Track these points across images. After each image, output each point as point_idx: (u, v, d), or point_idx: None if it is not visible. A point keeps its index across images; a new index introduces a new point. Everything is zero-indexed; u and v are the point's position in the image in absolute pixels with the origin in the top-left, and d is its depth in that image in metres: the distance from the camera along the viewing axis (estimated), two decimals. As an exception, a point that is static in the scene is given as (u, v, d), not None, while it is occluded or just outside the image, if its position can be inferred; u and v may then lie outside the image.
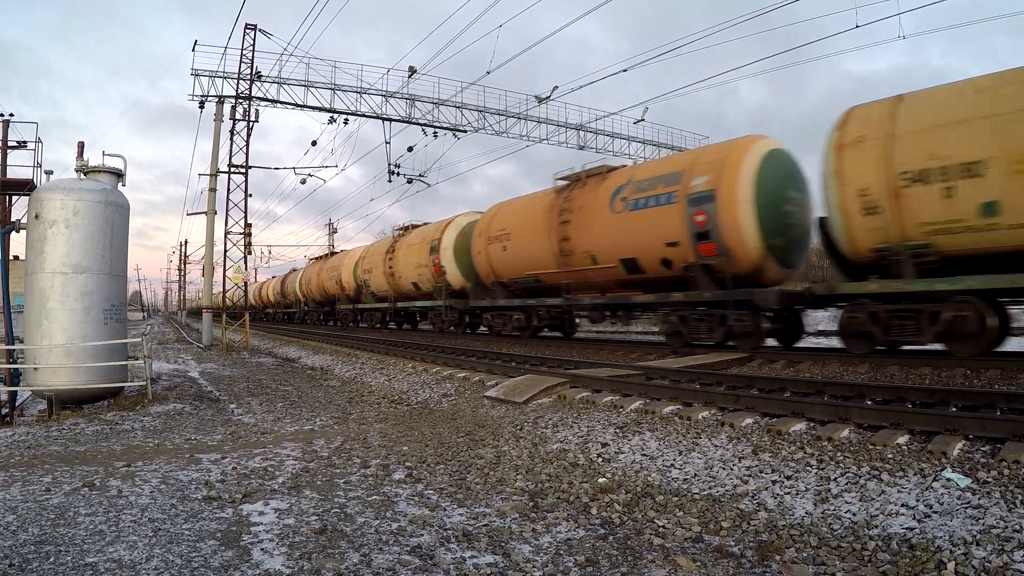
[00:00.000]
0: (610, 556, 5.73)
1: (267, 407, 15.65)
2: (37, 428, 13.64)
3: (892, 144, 14.89)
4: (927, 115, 14.70)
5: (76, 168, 17.66)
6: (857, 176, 15.35)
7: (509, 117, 43.19)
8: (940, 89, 15.22)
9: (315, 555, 5.86)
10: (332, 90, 39.90)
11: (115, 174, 17.90)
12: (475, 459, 9.46)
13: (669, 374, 14.15)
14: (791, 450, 7.96)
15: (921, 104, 15.08)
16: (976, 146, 13.55)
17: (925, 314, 14.91)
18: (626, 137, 48.54)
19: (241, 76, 38.47)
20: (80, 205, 16.12)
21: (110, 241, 16.55)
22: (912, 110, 15.03)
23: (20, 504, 7.62)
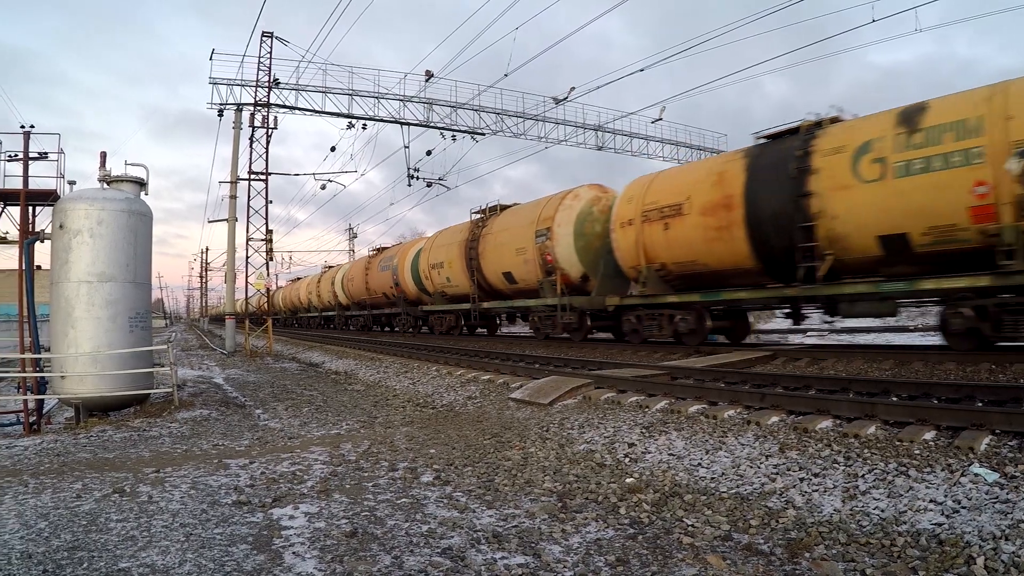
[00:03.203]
0: (640, 555, 5.75)
1: (293, 412, 15.68)
2: (65, 436, 13.70)
3: (642, 208, 22.38)
4: (662, 188, 22.17)
5: (99, 178, 17.77)
6: (622, 235, 23.29)
7: (527, 119, 43.17)
8: (672, 170, 23.24)
9: (347, 558, 5.90)
10: (350, 95, 40.00)
11: (138, 183, 18.03)
12: (502, 461, 9.50)
13: (693, 373, 14.13)
14: (818, 447, 7.95)
15: (661, 180, 22.76)
16: (680, 196, 21.04)
17: (665, 316, 22.18)
18: (644, 137, 48.40)
19: (259, 84, 38.74)
20: (104, 214, 16.24)
21: (134, 249, 16.67)
22: (655, 185, 22.52)
23: (52, 511, 7.70)
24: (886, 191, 15.49)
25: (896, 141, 15.35)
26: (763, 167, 18.70)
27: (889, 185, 15.42)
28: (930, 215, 14.85)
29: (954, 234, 14.62)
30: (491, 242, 31.43)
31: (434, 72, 40.59)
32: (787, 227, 17.57)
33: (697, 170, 21.91)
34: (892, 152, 15.41)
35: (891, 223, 15.60)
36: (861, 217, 16.18)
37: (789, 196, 17.43)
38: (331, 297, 60.66)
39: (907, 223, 15.33)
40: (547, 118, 43.70)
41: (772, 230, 18.09)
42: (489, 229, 32.12)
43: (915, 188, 14.95)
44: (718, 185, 19.74)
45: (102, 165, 18.20)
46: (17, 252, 18.35)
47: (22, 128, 18.13)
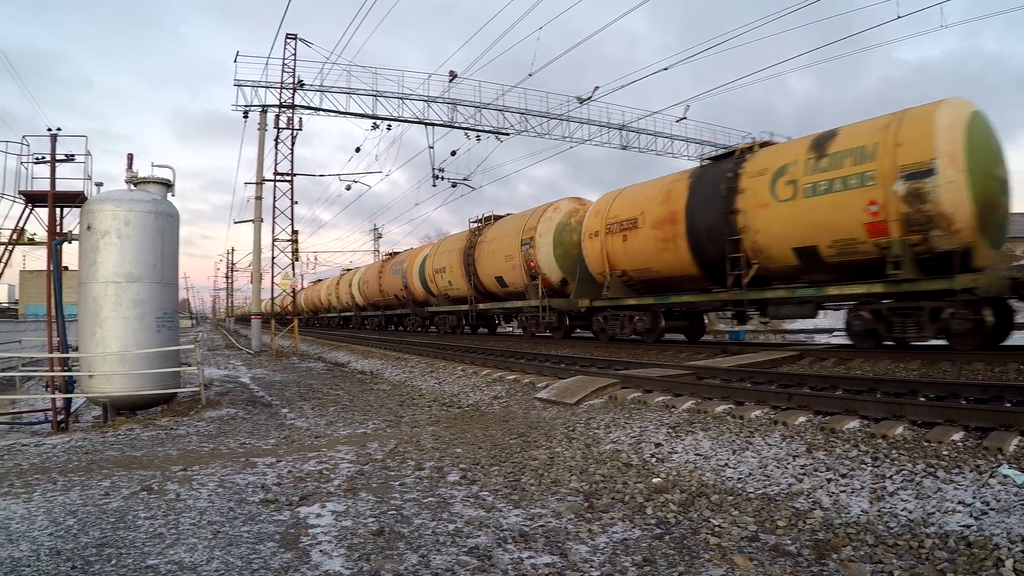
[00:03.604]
0: (667, 555, 5.74)
1: (319, 411, 15.72)
2: (93, 434, 13.77)
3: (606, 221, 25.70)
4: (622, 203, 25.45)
5: (126, 179, 17.89)
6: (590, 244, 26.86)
7: (551, 119, 43.13)
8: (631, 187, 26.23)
9: (374, 556, 5.92)
10: (374, 96, 40.03)
11: (164, 184, 18.15)
12: (529, 460, 9.49)
13: (719, 373, 14.11)
14: (845, 448, 7.92)
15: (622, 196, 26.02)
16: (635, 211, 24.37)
17: (627, 316, 25.64)
18: (669, 136, 48.22)
19: (284, 85, 38.89)
20: (131, 216, 16.35)
21: (161, 250, 16.78)
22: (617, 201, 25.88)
23: (80, 508, 7.76)
24: (797, 209, 18.18)
25: (806, 165, 18.07)
26: (702, 186, 21.76)
27: (800, 204, 18.11)
28: (833, 230, 17.39)
29: (854, 247, 17.15)
30: (485, 249, 35.20)
31: (458, 72, 40.67)
32: (719, 239, 20.43)
33: (651, 188, 24.74)
34: (803, 175, 18.09)
35: (802, 237, 18.25)
36: (778, 231, 18.84)
37: (720, 212, 20.34)
38: (349, 298, 63.75)
39: (816, 237, 17.91)
40: (571, 118, 43.63)
41: (708, 242, 21.10)
42: (484, 237, 35.85)
43: (820, 206, 17.57)
44: (666, 202, 23.03)
45: (129, 167, 18.31)
46: (45, 253, 18.44)
47: (49, 131, 18.26)
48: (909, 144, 15.85)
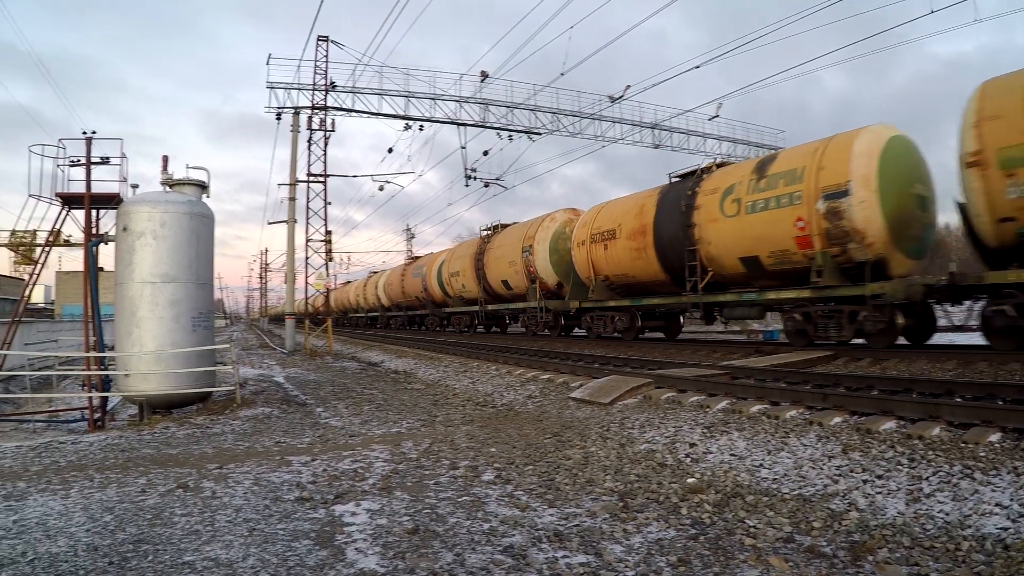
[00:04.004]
0: (702, 556, 5.73)
1: (354, 410, 15.78)
2: (129, 432, 13.88)
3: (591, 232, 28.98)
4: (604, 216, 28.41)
5: (161, 181, 18.05)
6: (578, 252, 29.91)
7: (583, 118, 43.14)
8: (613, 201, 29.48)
9: (409, 554, 5.95)
10: (406, 97, 40.28)
11: (199, 186, 18.31)
12: (563, 460, 9.51)
13: (754, 373, 14.06)
14: (881, 449, 7.87)
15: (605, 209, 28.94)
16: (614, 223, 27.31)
17: (609, 316, 28.72)
18: (701, 134, 48.20)
19: (316, 87, 39.18)
20: (166, 217, 16.50)
21: (196, 251, 16.91)
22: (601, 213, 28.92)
23: (117, 505, 7.84)
24: (741, 224, 20.88)
25: (749, 185, 20.81)
26: (667, 202, 24.70)
27: (743, 219, 20.83)
28: (770, 242, 20.02)
29: (788, 257, 19.71)
30: (493, 256, 39.01)
31: (490, 73, 40.84)
32: (680, 250, 23.38)
33: (628, 202, 27.89)
34: (746, 194, 20.85)
35: (746, 248, 20.95)
36: (727, 243, 21.60)
37: (681, 226, 23.26)
38: (375, 299, 68.19)
39: (757, 248, 20.59)
40: (603, 117, 43.69)
41: (671, 252, 24.05)
42: (491, 244, 39.72)
43: (759, 222, 20.26)
44: (639, 216, 26.04)
45: (164, 169, 18.46)
46: (81, 254, 18.60)
47: (84, 134, 18.41)
48: (829, 168, 18.36)
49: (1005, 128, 14.32)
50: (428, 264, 51.25)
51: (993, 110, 14.69)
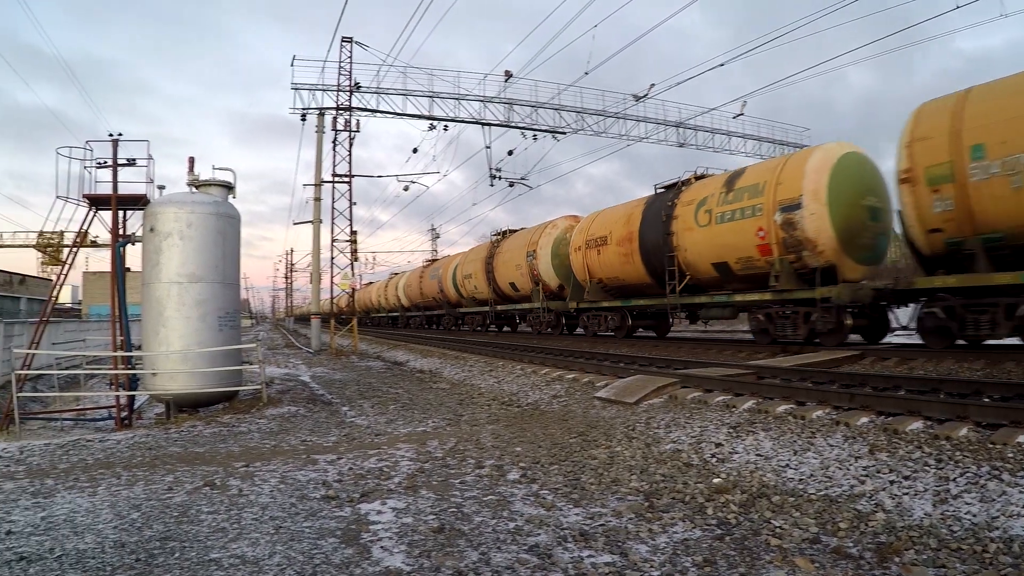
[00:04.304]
0: (727, 556, 5.72)
1: (379, 409, 15.83)
2: (156, 431, 13.99)
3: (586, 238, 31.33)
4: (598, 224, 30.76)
5: (188, 182, 18.18)
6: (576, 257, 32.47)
7: (608, 117, 43.15)
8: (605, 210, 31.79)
9: (434, 553, 5.96)
10: (431, 97, 40.48)
11: (225, 187, 18.43)
12: (589, 459, 9.51)
13: (780, 373, 14.02)
14: (908, 449, 7.83)
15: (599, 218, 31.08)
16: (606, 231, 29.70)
17: (603, 316, 31.07)
18: (726, 133, 48.20)
19: (340, 88, 39.40)
20: (193, 217, 16.61)
21: (222, 251, 17.02)
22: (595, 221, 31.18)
23: (144, 502, 7.90)
24: (712, 232, 23.18)
25: (719, 198, 23.02)
26: (651, 212, 26.99)
27: (713, 228, 23.11)
28: (737, 250, 22.28)
29: (753, 263, 21.90)
30: (501, 259, 41.83)
31: (514, 72, 40.97)
32: (661, 255, 25.70)
33: (618, 211, 30.31)
34: (716, 206, 23.10)
35: (717, 255, 23.20)
36: (700, 250, 23.89)
37: (661, 234, 25.60)
38: (395, 300, 71.77)
39: (726, 255, 22.83)
40: (627, 115, 43.73)
41: (654, 257, 26.30)
42: (500, 249, 42.48)
43: (727, 231, 22.54)
44: (626, 224, 28.47)
45: (190, 170, 18.58)
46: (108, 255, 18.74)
47: (110, 136, 18.56)
48: (786, 183, 20.57)
49: (932, 149, 16.03)
50: (444, 267, 54.30)
51: (923, 132, 16.39)
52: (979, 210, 15.37)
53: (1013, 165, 14.50)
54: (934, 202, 16.06)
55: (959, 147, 15.53)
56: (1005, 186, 14.72)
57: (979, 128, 15.29)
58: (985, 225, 15.37)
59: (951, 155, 15.65)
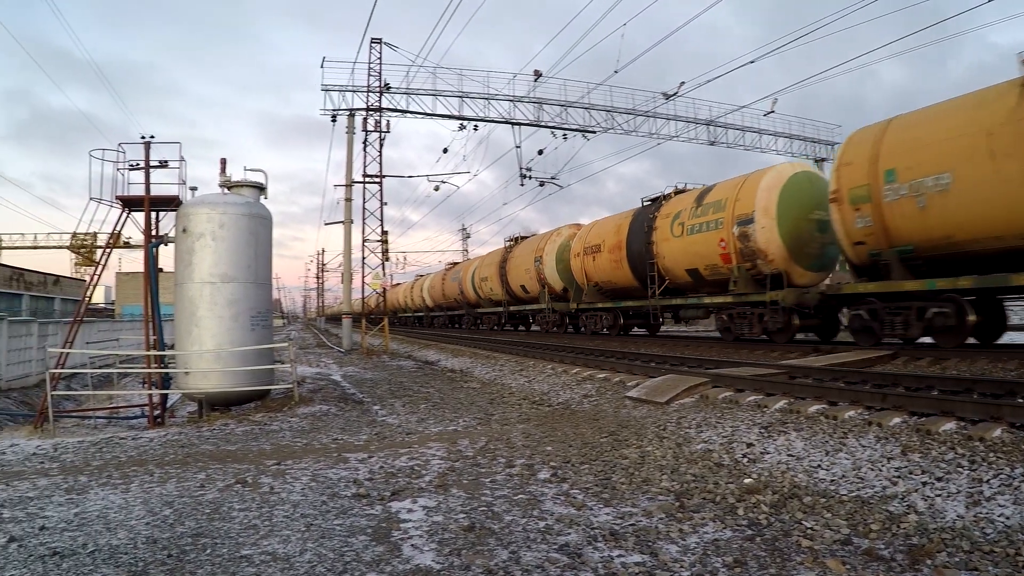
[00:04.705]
0: (758, 557, 5.70)
1: (410, 408, 15.89)
2: (188, 429, 14.12)
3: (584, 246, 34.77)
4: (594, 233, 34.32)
5: (219, 183, 18.26)
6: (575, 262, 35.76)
7: (637, 115, 43.11)
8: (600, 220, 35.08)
9: (464, 551, 5.98)
10: (460, 98, 40.70)
11: (257, 187, 18.49)
12: (619, 459, 9.49)
13: (812, 373, 13.95)
14: (941, 450, 7.78)
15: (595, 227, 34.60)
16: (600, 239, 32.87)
17: (599, 316, 34.51)
18: (757, 130, 48.10)
19: (370, 89, 39.52)
20: (225, 218, 16.69)
21: (254, 251, 17.08)
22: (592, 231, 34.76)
23: (176, 499, 7.98)
24: (684, 242, 26.21)
25: (690, 212, 26.07)
26: (636, 223, 30.09)
27: (685, 239, 26.13)
28: (704, 258, 25.23)
29: (718, 270, 24.78)
30: (513, 264, 45.53)
31: (544, 71, 41.11)
32: (643, 262, 28.84)
33: (611, 222, 33.53)
34: (687, 219, 26.13)
35: (689, 262, 26.23)
36: (676, 258, 26.90)
37: (644, 243, 28.75)
38: (420, 301, 75.71)
39: (696, 262, 25.84)
40: (657, 114, 43.82)
41: (639, 263, 29.44)
42: (512, 254, 46.27)
43: (696, 241, 25.53)
44: (616, 233, 31.72)
45: (222, 171, 18.68)
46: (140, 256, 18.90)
47: (142, 138, 18.69)
48: (742, 200, 23.41)
49: (855, 172, 18.43)
50: (463, 270, 58.56)
51: (848, 158, 18.85)
52: (892, 226, 17.60)
53: (917, 187, 16.68)
54: (856, 219, 18.47)
55: (876, 171, 17.82)
56: (912, 205, 16.89)
57: (892, 155, 17.54)
58: (898, 239, 17.60)
59: (869, 178, 17.94)
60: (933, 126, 16.78)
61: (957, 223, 16.07)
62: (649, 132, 43.89)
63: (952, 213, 16.05)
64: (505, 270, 46.51)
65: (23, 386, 24.67)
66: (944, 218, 16.27)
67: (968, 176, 15.57)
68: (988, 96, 15.74)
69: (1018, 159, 14.59)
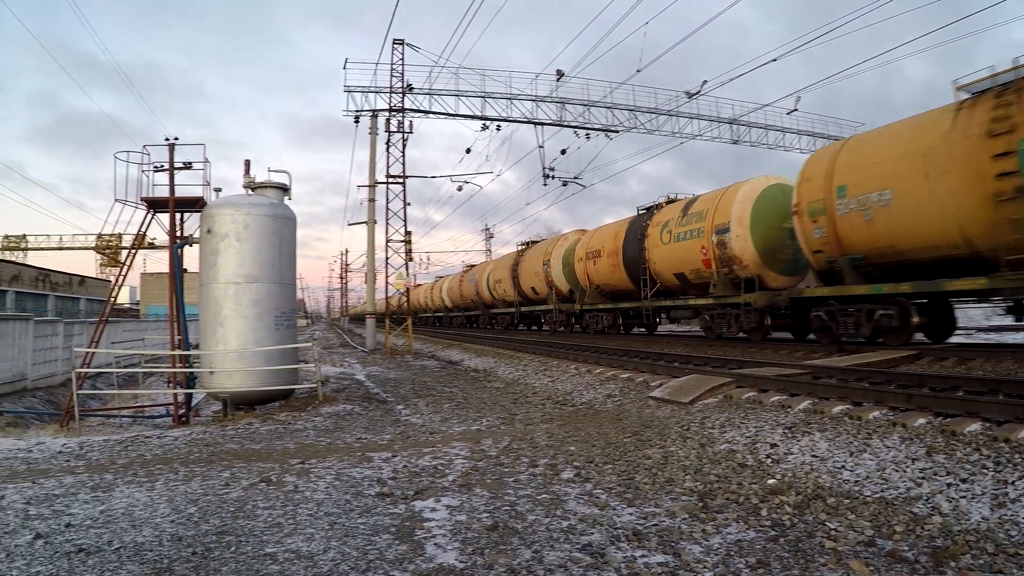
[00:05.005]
0: (781, 558, 5.69)
1: (434, 408, 15.94)
2: (213, 428, 14.18)
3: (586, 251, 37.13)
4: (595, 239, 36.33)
5: (243, 184, 18.40)
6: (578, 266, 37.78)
7: (660, 115, 43.10)
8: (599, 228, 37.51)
9: (487, 550, 6.01)
10: (483, 98, 40.76)
11: (281, 188, 18.63)
12: (643, 459, 9.50)
13: (836, 373, 13.89)
14: (966, 451, 7.73)
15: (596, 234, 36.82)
16: (600, 245, 35.17)
17: (600, 316, 37.06)
18: (780, 129, 47.80)
19: (393, 90, 39.68)
20: (249, 219, 16.80)
21: (279, 252, 17.19)
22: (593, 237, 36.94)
23: (201, 497, 8.04)
24: (672, 249, 28.56)
25: (677, 221, 28.37)
26: (632, 231, 32.39)
27: (672, 246, 28.49)
28: (690, 263, 27.43)
29: (701, 274, 26.88)
30: (524, 267, 48.45)
31: (566, 71, 41.13)
32: (637, 267, 31.20)
33: (609, 229, 35.76)
34: (674, 227, 28.46)
35: (677, 267, 28.49)
36: (665, 263, 29.23)
37: (638, 249, 31.07)
38: (440, 301, 78.80)
39: (683, 267, 28.06)
40: (680, 113, 43.80)
41: (633, 268, 31.74)
42: (523, 258, 49.16)
43: (682, 248, 27.81)
44: (614, 239, 34.01)
45: (246, 172, 18.81)
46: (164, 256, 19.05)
47: (167, 140, 18.83)
48: (720, 211, 25.61)
49: (813, 188, 20.69)
50: (479, 272, 61.91)
51: (808, 175, 21.19)
52: (844, 236, 19.74)
53: (864, 202, 18.81)
54: (814, 230, 20.71)
55: (830, 187, 20.00)
56: (860, 218, 19.02)
57: (843, 173, 19.73)
58: (850, 248, 19.70)
59: (824, 193, 20.15)
60: (878, 147, 18.89)
61: (899, 234, 18.05)
62: (672, 131, 43.85)
63: (894, 225, 18.10)
64: (517, 273, 49.39)
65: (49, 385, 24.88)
66: (888, 230, 18.30)
67: (906, 192, 17.58)
68: (926, 120, 17.69)
69: (949, 178, 16.42)
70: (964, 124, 16.14)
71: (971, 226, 16.09)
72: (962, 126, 16.16)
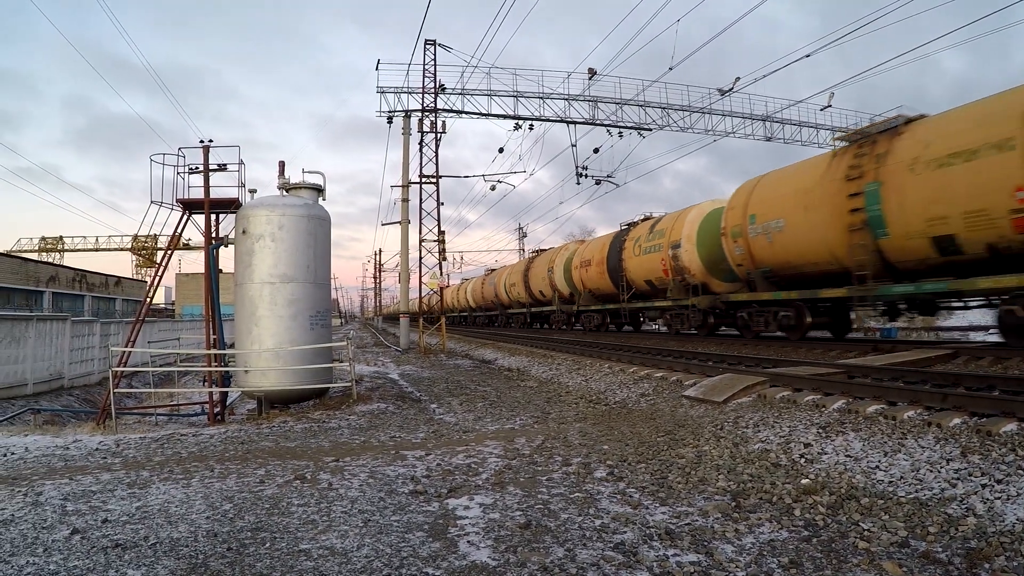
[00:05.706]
0: (814, 559, 5.68)
1: (467, 407, 15.98)
2: (248, 426, 14.27)
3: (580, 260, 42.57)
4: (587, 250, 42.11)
5: (278, 185, 18.55)
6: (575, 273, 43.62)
7: (693, 112, 43.00)
8: (591, 240, 45.99)
9: (520, 548, 6.03)
10: (515, 97, 40.85)
11: (315, 189, 18.75)
12: (676, 458, 9.49)
13: (871, 372, 13.80)
14: (1002, 452, 7.67)
15: (589, 245, 42.80)
16: (591, 255, 40.99)
17: (592, 317, 42.13)
18: (814, 125, 47.51)
19: (425, 90, 39.77)
20: (284, 220, 16.92)
21: (313, 252, 17.30)
22: (587, 247, 42.83)
23: (236, 494, 8.12)
24: (641, 260, 33.61)
25: (646, 237, 33.29)
26: (614, 244, 37.43)
27: (642, 257, 33.50)
28: (654, 272, 32.26)
29: (664, 281, 31.38)
30: (533, 272, 54.20)
31: (598, 69, 41.11)
32: (618, 274, 36.20)
33: (597, 242, 41.07)
34: (643, 242, 33.43)
35: (645, 275, 33.46)
36: (637, 272, 34.25)
37: (618, 259, 36.22)
38: (465, 302, 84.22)
39: (650, 275, 32.88)
40: (713, 110, 43.74)
41: (615, 275, 36.57)
42: (533, 264, 55.36)
43: (649, 259, 32.78)
44: (601, 251, 38.95)
45: (281, 173, 18.95)
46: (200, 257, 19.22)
47: (201, 143, 19.02)
48: (674, 230, 30.62)
49: (735, 215, 25.32)
50: (498, 276, 68.13)
51: (733, 204, 25.86)
52: (756, 254, 24.42)
53: (767, 228, 23.47)
54: (736, 248, 25.40)
55: (745, 215, 24.65)
56: (765, 240, 23.67)
57: (754, 203, 24.39)
58: (761, 263, 24.36)
59: (741, 219, 24.74)
60: (778, 184, 23.79)
61: (793, 253, 22.78)
62: (705, 129, 43.76)
63: (788, 246, 22.82)
64: (528, 277, 55.47)
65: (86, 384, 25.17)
66: (785, 249, 22.99)
67: (793, 221, 22.39)
68: (811, 165, 22.73)
69: (820, 211, 21.12)
70: (834, 169, 20.77)
71: (837, 249, 20.62)
72: (832, 171, 20.81)
